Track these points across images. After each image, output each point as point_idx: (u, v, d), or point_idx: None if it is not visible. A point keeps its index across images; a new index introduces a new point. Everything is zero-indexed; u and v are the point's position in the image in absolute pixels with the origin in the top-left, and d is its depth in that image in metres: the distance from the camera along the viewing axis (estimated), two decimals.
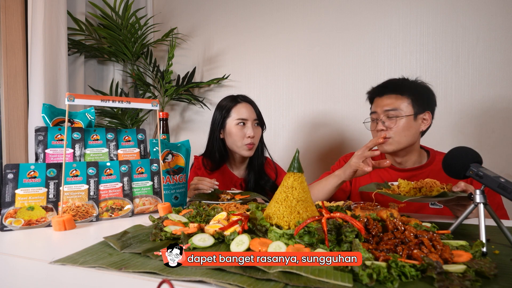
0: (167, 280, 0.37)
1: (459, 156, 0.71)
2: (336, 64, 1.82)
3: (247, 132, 1.31)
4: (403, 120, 1.09)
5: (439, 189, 0.82)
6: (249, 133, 1.30)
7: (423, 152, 1.19)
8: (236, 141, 1.32)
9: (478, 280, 0.45)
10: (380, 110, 1.12)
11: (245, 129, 1.32)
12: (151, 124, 2.29)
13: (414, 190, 0.85)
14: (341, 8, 1.80)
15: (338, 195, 1.25)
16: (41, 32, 1.57)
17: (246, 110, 1.33)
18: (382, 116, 1.11)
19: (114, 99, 0.89)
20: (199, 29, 2.18)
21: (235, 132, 1.31)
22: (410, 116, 1.09)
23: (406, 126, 1.09)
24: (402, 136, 1.09)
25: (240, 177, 1.41)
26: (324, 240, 0.57)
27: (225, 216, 0.73)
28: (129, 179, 0.94)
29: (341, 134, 1.83)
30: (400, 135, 1.09)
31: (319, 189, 1.10)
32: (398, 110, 1.09)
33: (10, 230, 0.77)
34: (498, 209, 1.04)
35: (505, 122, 1.52)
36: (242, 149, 1.32)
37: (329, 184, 1.07)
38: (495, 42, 1.52)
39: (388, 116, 1.10)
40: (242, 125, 1.32)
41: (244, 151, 1.32)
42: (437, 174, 1.08)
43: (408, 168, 1.17)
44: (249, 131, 1.30)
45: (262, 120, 1.39)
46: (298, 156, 0.70)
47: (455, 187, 0.85)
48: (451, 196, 0.78)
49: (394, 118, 1.09)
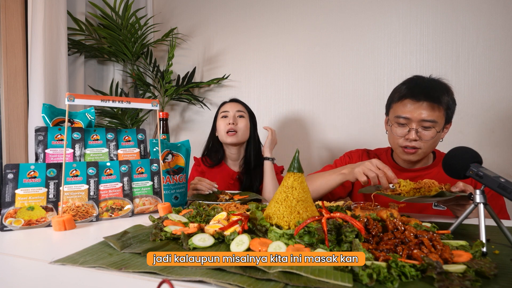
0: (167, 280, 0.37)
1: (459, 156, 0.71)
2: (336, 64, 1.82)
3: (228, 121, 1.43)
4: (438, 132, 1.05)
5: (438, 189, 0.82)
6: (229, 121, 1.43)
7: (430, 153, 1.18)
8: (220, 131, 1.45)
9: (478, 280, 0.45)
10: (416, 118, 1.04)
11: (227, 120, 1.44)
12: (151, 124, 2.29)
13: (413, 191, 0.85)
14: (341, 8, 1.80)
15: (338, 191, 1.25)
16: (41, 32, 1.57)
17: (229, 105, 1.48)
18: (416, 125, 1.04)
19: (114, 99, 0.89)
20: (199, 29, 2.18)
21: (220, 124, 1.46)
22: (441, 128, 1.06)
23: (437, 138, 1.06)
24: (430, 148, 1.07)
25: (236, 171, 1.50)
26: (324, 240, 0.57)
27: (225, 216, 0.73)
28: (129, 179, 0.94)
29: (341, 134, 1.83)
30: (430, 147, 1.07)
31: (322, 183, 1.09)
32: (436, 123, 1.03)
33: (10, 230, 0.77)
34: (501, 212, 1.03)
35: (505, 122, 1.52)
36: (225, 137, 1.43)
37: (333, 180, 1.06)
38: (495, 42, 1.52)
39: (424, 126, 1.04)
40: (225, 117, 1.46)
41: (225, 138, 1.43)
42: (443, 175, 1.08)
43: (415, 168, 1.15)
44: (229, 119, 1.43)
45: (251, 114, 1.51)
46: (298, 156, 0.70)
47: (453, 187, 0.85)
48: (449, 196, 0.78)
49: (429, 130, 1.04)
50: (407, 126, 1.06)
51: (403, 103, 1.07)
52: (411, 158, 1.10)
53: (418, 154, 1.08)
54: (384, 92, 1.71)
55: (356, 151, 1.30)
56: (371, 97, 1.75)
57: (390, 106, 1.14)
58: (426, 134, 1.04)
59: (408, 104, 1.05)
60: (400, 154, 1.12)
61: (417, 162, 1.14)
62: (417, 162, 1.14)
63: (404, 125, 1.07)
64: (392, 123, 1.11)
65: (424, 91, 1.04)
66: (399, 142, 1.09)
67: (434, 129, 1.04)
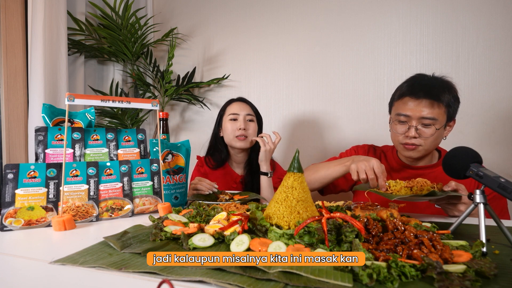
0: (167, 280, 0.37)
1: (459, 156, 0.71)
2: (336, 64, 1.82)
3: (238, 125, 1.39)
4: (437, 130, 1.04)
5: (430, 188, 0.83)
6: (239, 125, 1.38)
7: (435, 152, 1.18)
8: (229, 134, 1.40)
9: (478, 280, 0.45)
10: (415, 115, 1.04)
11: (237, 123, 1.40)
12: (151, 124, 2.29)
13: (406, 189, 0.86)
14: (341, 8, 1.80)
15: (340, 183, 1.27)
16: (41, 32, 1.57)
17: (238, 107, 1.42)
18: (416, 123, 1.04)
19: (114, 99, 0.89)
20: (199, 29, 2.18)
21: (228, 126, 1.41)
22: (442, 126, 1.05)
23: (438, 135, 1.05)
24: (432, 145, 1.07)
25: (240, 174, 1.46)
26: (324, 240, 0.57)
27: (225, 216, 0.73)
28: (129, 179, 0.94)
29: (341, 134, 1.83)
30: (431, 144, 1.06)
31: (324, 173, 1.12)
32: (436, 120, 1.03)
33: (10, 230, 0.77)
34: (501, 213, 1.03)
35: (505, 122, 1.52)
36: (234, 141, 1.39)
37: (335, 171, 1.09)
38: (495, 42, 1.52)
39: (423, 124, 1.04)
40: (234, 120, 1.41)
41: (235, 143, 1.39)
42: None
43: (419, 166, 1.15)
44: (239, 124, 1.38)
45: (259, 117, 1.47)
46: (298, 156, 0.70)
47: (446, 187, 0.86)
48: (440, 195, 0.79)
49: (429, 127, 1.04)
50: (407, 124, 1.07)
51: (403, 101, 1.07)
52: (411, 155, 1.09)
53: (418, 151, 1.08)
54: (384, 92, 1.71)
55: (363, 146, 1.30)
56: (371, 97, 1.75)
57: (392, 105, 1.15)
58: (426, 132, 1.05)
59: (408, 102, 1.06)
60: (401, 151, 1.13)
61: (420, 159, 1.14)
62: (421, 159, 1.14)
63: (405, 123, 1.08)
64: (393, 120, 1.12)
65: (424, 89, 1.04)
66: (400, 139, 1.10)
67: (434, 126, 1.04)
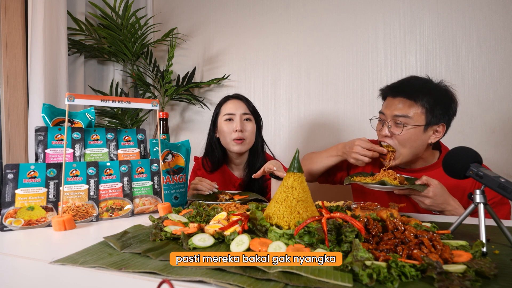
0: (167, 280, 0.37)
1: (459, 156, 0.71)
2: (336, 64, 1.82)
3: (234, 126, 1.29)
4: (410, 130, 0.99)
5: (388, 179, 0.93)
6: (235, 126, 1.28)
7: (435, 152, 1.12)
8: (225, 137, 1.31)
9: (478, 280, 0.45)
10: (389, 113, 1.02)
11: (233, 124, 1.29)
12: (151, 124, 2.29)
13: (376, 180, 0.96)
14: (341, 8, 1.80)
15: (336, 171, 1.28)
16: (41, 32, 1.57)
17: (233, 106, 1.32)
18: (390, 120, 1.02)
19: (114, 99, 0.89)
20: (199, 29, 2.18)
21: (223, 128, 1.31)
22: (419, 127, 0.99)
23: (413, 137, 1.00)
24: (406, 147, 1.01)
25: (239, 177, 1.40)
26: (324, 240, 0.57)
27: (225, 216, 0.73)
28: (129, 179, 0.94)
29: (341, 134, 1.83)
30: (405, 145, 1.01)
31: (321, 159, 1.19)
32: (408, 118, 0.99)
33: (10, 230, 0.77)
34: (506, 219, 1.02)
35: (505, 122, 1.52)
36: (231, 144, 1.30)
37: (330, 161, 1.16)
38: (495, 42, 1.52)
39: (396, 122, 1.01)
40: (230, 120, 1.31)
41: (232, 146, 1.29)
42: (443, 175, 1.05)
43: (416, 168, 1.11)
44: (236, 125, 1.28)
45: (257, 115, 1.37)
46: (298, 156, 0.70)
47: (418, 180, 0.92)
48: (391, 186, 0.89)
49: (401, 126, 1.00)
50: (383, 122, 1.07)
51: (385, 100, 1.10)
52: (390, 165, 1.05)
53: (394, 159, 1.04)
54: None
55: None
56: (371, 97, 1.75)
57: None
58: (398, 130, 1.01)
59: (387, 100, 1.08)
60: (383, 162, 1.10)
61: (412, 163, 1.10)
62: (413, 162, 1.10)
63: (381, 121, 1.09)
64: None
65: (404, 89, 1.04)
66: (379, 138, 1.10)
67: (411, 128, 0.99)
